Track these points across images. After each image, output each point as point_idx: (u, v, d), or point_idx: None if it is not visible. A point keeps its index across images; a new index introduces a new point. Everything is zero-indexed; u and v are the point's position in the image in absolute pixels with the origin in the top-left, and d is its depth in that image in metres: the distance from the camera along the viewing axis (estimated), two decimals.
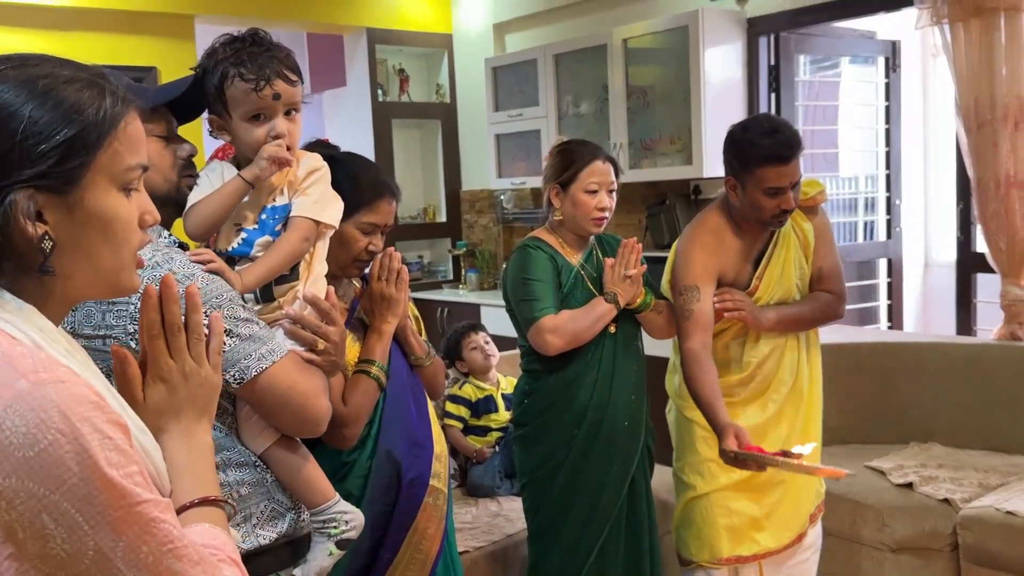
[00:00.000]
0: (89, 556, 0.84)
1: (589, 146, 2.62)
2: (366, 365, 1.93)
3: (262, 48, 1.62)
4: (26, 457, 0.83)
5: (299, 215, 1.65)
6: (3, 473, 0.83)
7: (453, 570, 2.12)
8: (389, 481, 1.97)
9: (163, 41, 5.25)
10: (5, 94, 0.93)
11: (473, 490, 3.41)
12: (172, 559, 0.88)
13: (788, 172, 2.41)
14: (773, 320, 2.56)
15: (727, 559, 2.59)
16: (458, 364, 3.54)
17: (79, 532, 0.84)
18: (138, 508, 0.86)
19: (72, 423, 0.84)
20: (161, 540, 0.87)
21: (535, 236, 2.65)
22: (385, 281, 1.96)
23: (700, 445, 2.61)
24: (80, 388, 0.88)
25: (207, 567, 0.91)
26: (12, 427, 0.83)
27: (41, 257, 0.93)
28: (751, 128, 2.47)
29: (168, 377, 1.08)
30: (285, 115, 1.64)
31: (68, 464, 0.83)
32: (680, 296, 2.53)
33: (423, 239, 6.42)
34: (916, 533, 3.18)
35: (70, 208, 0.95)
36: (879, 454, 3.59)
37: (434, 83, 6.46)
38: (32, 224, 0.92)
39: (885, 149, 4.98)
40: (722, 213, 2.59)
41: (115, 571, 0.85)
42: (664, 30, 4.68)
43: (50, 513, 0.83)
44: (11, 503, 0.83)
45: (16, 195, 0.91)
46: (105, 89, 0.98)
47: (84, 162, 0.95)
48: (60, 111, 0.94)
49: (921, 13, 3.87)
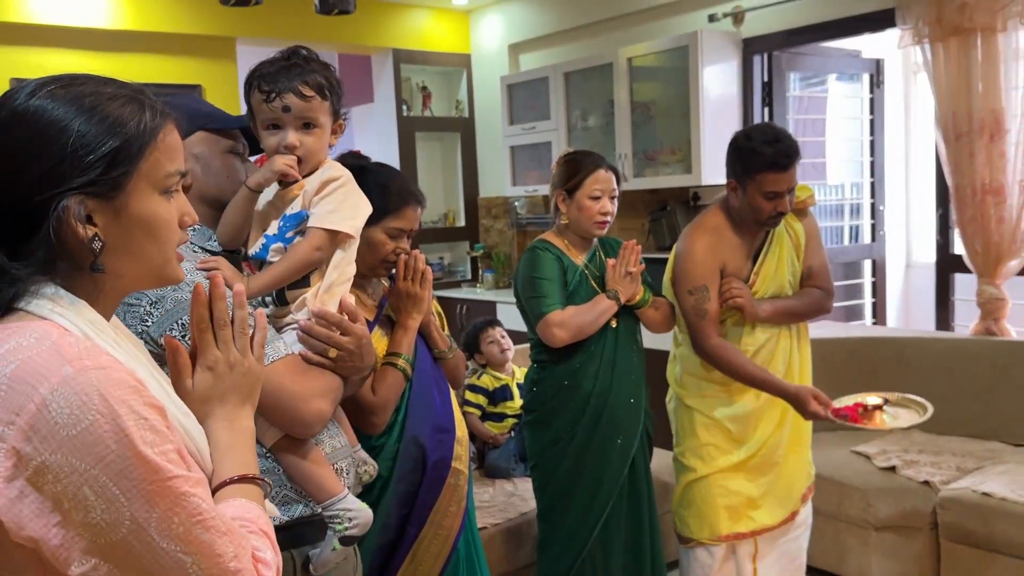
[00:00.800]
0: (126, 525, 0.86)
1: (593, 156, 2.63)
2: (393, 358, 1.94)
3: (290, 63, 1.57)
4: (70, 435, 0.85)
5: (312, 225, 1.57)
6: (50, 450, 0.85)
7: (474, 545, 2.12)
8: (415, 463, 1.97)
9: (207, 61, 5.28)
10: (56, 111, 0.95)
11: (490, 472, 3.42)
12: (200, 529, 0.89)
13: (786, 178, 2.42)
14: (769, 311, 2.55)
15: (725, 536, 2.59)
16: (476, 357, 3.55)
17: (116, 503, 0.86)
18: (169, 483, 0.88)
19: (111, 405, 0.86)
20: (191, 512, 0.89)
21: (543, 239, 2.66)
22: (411, 281, 1.97)
23: (700, 431, 2.61)
24: (120, 374, 0.90)
25: (234, 537, 0.92)
26: (58, 408, 0.85)
27: (92, 256, 0.96)
28: (754, 136, 2.47)
29: (214, 366, 1.09)
30: (303, 127, 1.58)
31: (107, 442, 0.85)
32: (692, 296, 2.53)
33: (444, 242, 6.42)
34: (898, 512, 3.17)
35: (117, 212, 0.97)
36: (864, 440, 3.58)
37: (454, 99, 6.46)
38: (83, 227, 0.95)
39: (870, 159, 4.97)
40: (722, 212, 2.59)
41: (149, 539, 0.87)
42: (666, 49, 4.67)
43: (91, 486, 0.85)
44: (57, 476, 0.85)
45: (68, 201, 0.93)
46: (145, 104, 1.00)
47: (128, 170, 0.97)
48: (105, 125, 0.96)
49: (904, 33, 3.86)
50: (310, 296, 1.58)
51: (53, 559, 0.86)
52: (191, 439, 1.02)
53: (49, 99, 0.96)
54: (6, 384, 0.87)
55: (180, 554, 0.87)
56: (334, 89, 1.61)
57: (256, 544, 0.96)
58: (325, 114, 1.60)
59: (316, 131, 1.59)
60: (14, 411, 0.86)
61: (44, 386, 0.86)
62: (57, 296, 0.96)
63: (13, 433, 0.85)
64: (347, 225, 1.59)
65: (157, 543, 0.87)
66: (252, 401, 1.12)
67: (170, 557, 0.87)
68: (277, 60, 1.58)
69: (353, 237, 1.62)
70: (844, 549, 3.28)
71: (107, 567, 0.86)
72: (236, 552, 0.91)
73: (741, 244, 2.57)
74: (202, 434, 1.05)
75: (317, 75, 1.58)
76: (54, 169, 0.93)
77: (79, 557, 0.86)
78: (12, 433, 0.85)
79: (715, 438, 2.59)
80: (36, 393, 0.85)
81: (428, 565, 1.99)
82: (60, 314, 0.95)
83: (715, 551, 2.62)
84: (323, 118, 1.60)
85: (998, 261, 3.72)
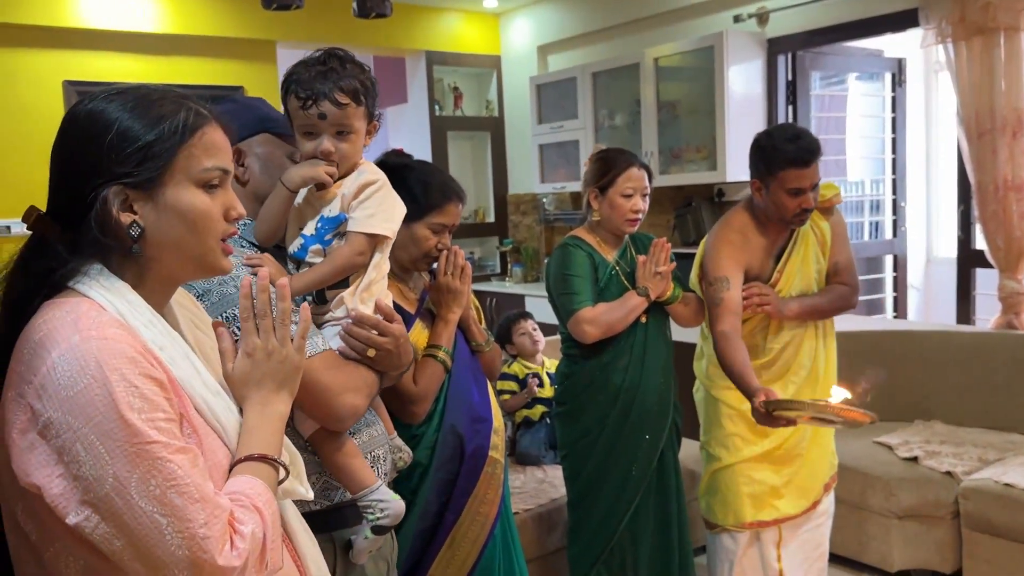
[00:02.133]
0: (109, 482, 0.91)
1: (625, 154, 2.59)
2: (433, 350, 1.93)
3: (327, 68, 1.51)
4: (68, 396, 0.92)
5: (353, 230, 1.54)
6: (53, 407, 0.92)
7: (510, 531, 2.12)
8: (453, 452, 1.96)
9: (248, 64, 5.30)
10: (105, 112, 1.03)
11: (521, 459, 3.42)
12: (175, 494, 0.92)
13: (808, 175, 2.38)
14: (795, 310, 2.52)
15: (750, 523, 2.57)
16: (508, 347, 3.54)
17: (101, 461, 0.91)
18: (149, 447, 0.92)
19: (104, 372, 0.92)
20: (167, 476, 0.92)
21: (575, 235, 2.63)
22: (451, 275, 1.96)
23: (726, 421, 2.59)
24: (121, 345, 0.95)
25: (207, 505, 0.94)
26: (62, 371, 0.92)
27: (130, 241, 1.02)
28: (775, 135, 2.44)
29: (252, 353, 1.12)
30: (337, 135, 1.53)
31: (96, 404, 0.91)
32: (711, 286, 2.50)
33: (474, 237, 6.43)
34: (920, 502, 3.13)
35: (155, 202, 1.03)
36: (886, 431, 3.54)
37: (484, 99, 6.45)
38: (122, 214, 1.02)
39: (891, 156, 4.90)
40: (747, 213, 2.56)
41: (129, 497, 0.91)
42: (692, 50, 4.63)
43: (81, 443, 0.91)
44: (58, 432, 0.92)
45: (108, 191, 1.01)
46: (183, 106, 1.06)
47: (164, 163, 1.03)
48: (143, 122, 1.03)
49: (927, 33, 3.80)
50: (348, 295, 1.57)
51: (54, 507, 0.92)
52: (215, 417, 1.06)
53: (101, 103, 1.04)
54: (32, 348, 0.96)
55: (157, 515, 0.91)
56: (369, 92, 1.56)
57: (239, 516, 0.98)
58: (360, 119, 1.56)
59: (351, 136, 1.55)
60: (33, 372, 0.94)
61: (55, 351, 0.93)
62: (100, 276, 1.03)
63: (30, 391, 0.93)
64: (386, 228, 1.57)
65: (136, 502, 0.91)
66: (290, 388, 1.15)
67: (147, 516, 0.91)
68: (313, 64, 1.53)
69: (390, 238, 1.61)
70: (866, 537, 3.24)
71: (97, 519, 0.91)
72: (206, 519, 0.94)
73: (766, 244, 2.54)
74: (230, 412, 1.09)
75: (352, 79, 1.52)
76: (98, 162, 1.01)
77: (75, 507, 0.91)
78: (29, 391, 0.93)
79: (740, 428, 2.56)
80: (49, 357, 0.93)
81: (466, 550, 1.99)
82: (100, 293, 1.01)
83: (739, 537, 2.60)
84: (358, 123, 1.55)
85: (1020, 256, 3.66)
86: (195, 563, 0.92)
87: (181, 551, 0.92)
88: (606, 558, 2.57)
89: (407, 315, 1.93)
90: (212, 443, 1.04)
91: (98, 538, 0.92)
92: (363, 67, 1.58)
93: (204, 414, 1.05)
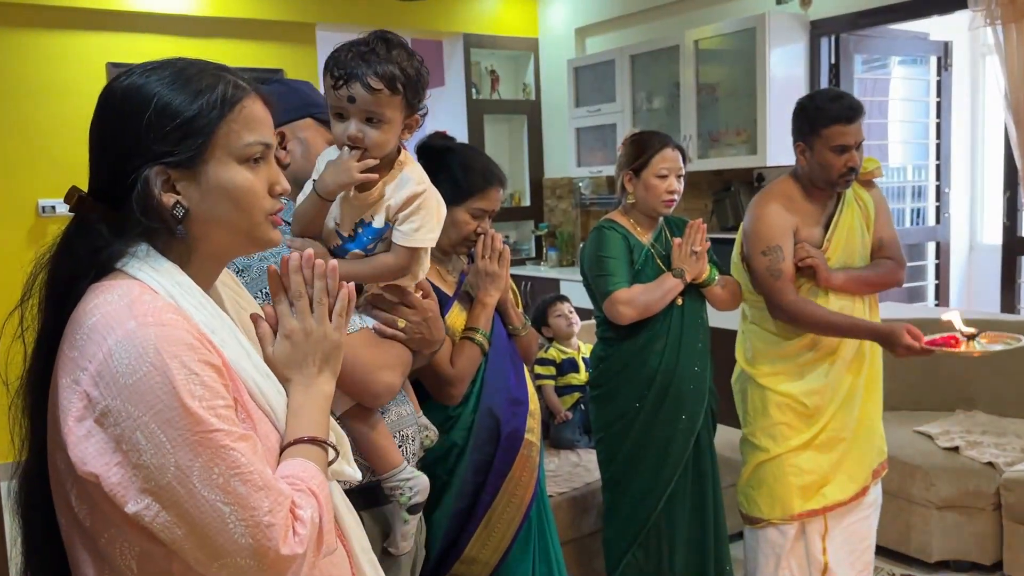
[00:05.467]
0: (171, 471, 0.89)
1: (660, 135, 2.56)
2: (471, 332, 1.93)
3: (369, 50, 1.44)
4: (127, 384, 0.89)
5: (400, 244, 1.51)
6: (111, 395, 0.90)
7: (545, 513, 2.12)
8: (490, 434, 1.96)
9: (288, 46, 5.33)
10: (143, 88, 0.99)
11: (556, 443, 3.42)
12: (238, 482, 0.91)
13: (853, 131, 2.37)
14: (842, 280, 2.47)
15: (798, 515, 2.51)
16: (544, 330, 3.55)
17: (163, 449, 0.89)
18: (211, 435, 0.91)
19: (163, 359, 0.90)
20: (230, 464, 0.91)
21: (610, 218, 2.61)
22: (489, 259, 1.96)
23: (773, 410, 2.53)
24: (179, 332, 0.93)
25: (271, 492, 0.93)
26: (119, 358, 0.90)
27: (175, 222, 1.00)
28: (818, 96, 2.46)
29: (291, 335, 1.10)
30: (367, 121, 1.45)
31: (156, 392, 0.89)
32: (766, 257, 2.45)
33: (510, 221, 6.42)
34: (961, 492, 3.08)
35: (198, 180, 1.00)
36: (927, 420, 3.49)
37: (521, 82, 6.42)
38: (165, 195, 0.99)
39: (936, 141, 4.80)
40: (791, 180, 2.53)
41: (192, 486, 0.90)
42: (733, 32, 4.56)
43: (142, 431, 0.89)
44: (116, 420, 0.90)
45: (149, 171, 0.98)
46: (221, 79, 1.02)
47: (204, 140, 0.99)
48: (181, 98, 0.99)
49: (975, 15, 3.70)
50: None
51: (112, 496, 0.90)
52: (266, 400, 1.05)
53: (138, 78, 1.00)
54: (85, 334, 0.93)
55: (220, 504, 0.90)
56: (410, 82, 1.47)
57: (299, 502, 0.97)
58: (394, 108, 1.46)
59: (383, 126, 1.46)
60: (88, 358, 0.91)
61: (111, 337, 0.91)
62: (148, 257, 1.00)
63: (85, 378, 0.91)
64: (429, 240, 1.55)
65: (199, 490, 0.90)
66: (332, 367, 1.13)
67: (210, 505, 0.90)
68: (357, 45, 1.46)
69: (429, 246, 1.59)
70: (906, 527, 3.20)
71: (157, 507, 0.90)
72: (271, 507, 0.92)
73: (812, 210, 2.50)
74: (279, 395, 1.07)
75: (392, 66, 1.44)
76: (138, 141, 0.98)
77: (135, 496, 0.89)
78: (85, 378, 0.91)
79: (787, 417, 2.52)
80: (105, 343, 0.91)
81: (501, 531, 1.99)
82: (149, 274, 0.99)
83: (787, 530, 2.54)
84: (390, 112, 1.46)
85: None
86: (258, 551, 0.91)
87: (244, 539, 0.91)
88: (642, 541, 2.56)
89: (445, 297, 1.94)
90: (265, 428, 1.03)
91: (158, 527, 0.90)
92: (412, 55, 1.49)
93: (256, 398, 1.04)
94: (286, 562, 0.93)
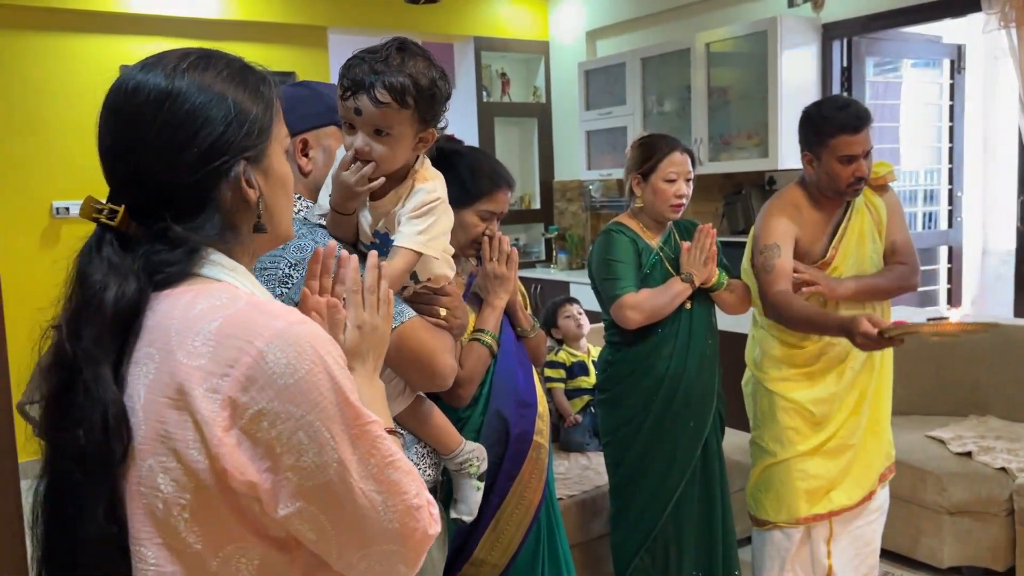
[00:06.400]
0: (333, 468, 0.89)
1: (668, 139, 2.55)
2: (479, 334, 1.93)
3: (381, 58, 1.39)
4: (287, 384, 0.87)
5: (402, 245, 1.45)
6: (267, 398, 0.87)
7: (554, 515, 2.12)
8: (498, 436, 1.96)
9: (300, 50, 5.35)
10: (212, 85, 0.96)
11: (565, 445, 3.42)
12: (391, 470, 0.92)
13: (860, 141, 2.35)
14: (852, 289, 2.45)
15: (804, 518, 2.51)
16: (553, 332, 3.56)
17: (327, 447, 0.88)
18: (367, 427, 0.91)
19: (321, 356, 0.89)
20: (384, 454, 0.92)
21: (618, 221, 2.61)
22: (497, 262, 1.96)
23: (781, 415, 2.52)
24: (320, 329, 0.93)
25: (414, 476, 0.95)
26: (275, 359, 0.87)
27: (256, 217, 1.00)
28: (824, 105, 2.43)
29: (362, 326, 1.13)
30: (375, 133, 1.40)
31: (321, 389, 0.88)
32: (761, 255, 2.45)
33: (519, 223, 6.42)
34: (973, 498, 3.06)
35: (265, 173, 1.01)
36: (939, 425, 3.46)
37: (532, 85, 6.42)
38: (251, 189, 0.99)
39: (948, 145, 4.77)
40: (800, 188, 2.52)
41: (351, 480, 0.89)
42: (744, 34, 4.55)
43: (305, 431, 0.87)
44: (273, 423, 0.87)
45: (237, 167, 0.97)
46: (263, 75, 1.03)
47: (269, 134, 1.01)
48: (249, 94, 0.99)
49: (989, 18, 3.68)
50: None
51: (265, 502, 0.88)
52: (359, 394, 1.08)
53: (198, 74, 0.96)
54: (213, 340, 0.88)
55: (375, 493, 0.91)
56: (422, 95, 1.40)
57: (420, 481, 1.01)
58: (404, 123, 1.41)
59: (390, 140, 1.41)
60: (228, 364, 0.87)
61: (259, 340, 0.87)
62: (223, 261, 0.98)
63: (228, 384, 0.86)
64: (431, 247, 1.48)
65: (357, 483, 0.90)
66: (378, 363, 1.16)
67: (366, 496, 0.90)
68: (371, 53, 1.41)
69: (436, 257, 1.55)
70: (917, 533, 3.18)
71: (310, 509, 0.89)
72: (418, 490, 0.95)
73: (820, 219, 2.49)
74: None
75: (404, 78, 1.38)
76: (220, 138, 0.95)
77: (286, 500, 0.88)
78: (227, 384, 0.86)
79: (795, 422, 2.51)
80: (251, 347, 0.87)
81: (510, 533, 1.99)
82: (231, 277, 0.97)
83: (792, 534, 2.53)
84: (401, 127, 1.41)
85: None
86: (404, 534, 0.93)
87: (392, 525, 0.92)
88: (649, 545, 2.55)
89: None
90: None
91: (305, 527, 0.89)
92: (431, 66, 1.43)
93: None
94: (428, 541, 0.95)
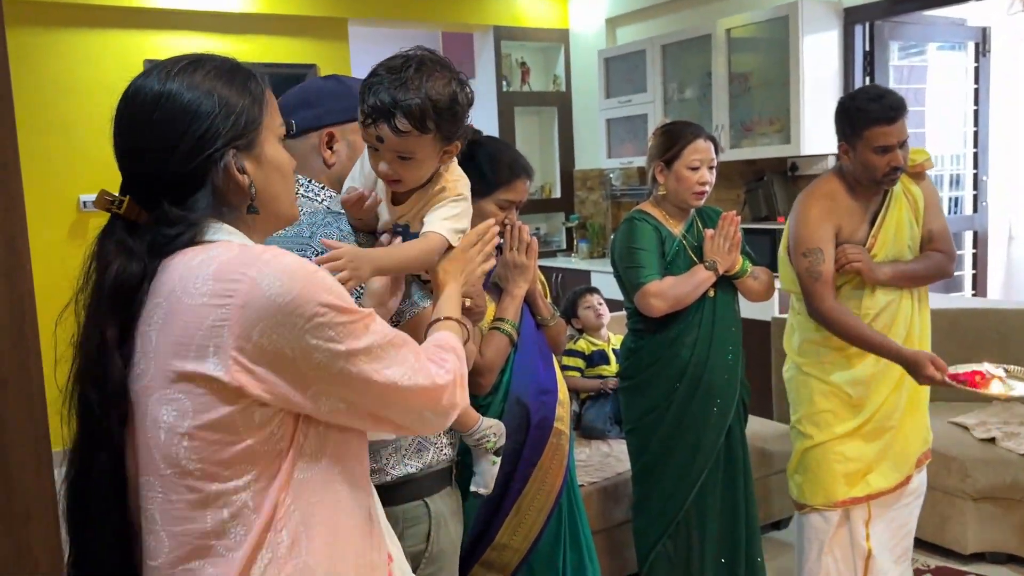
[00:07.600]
0: (342, 359, 1.01)
1: (691, 126, 2.54)
2: (500, 323, 1.95)
3: (400, 79, 1.34)
4: (284, 302, 0.97)
5: (432, 230, 1.42)
6: (268, 315, 0.97)
7: (575, 501, 2.13)
8: (519, 423, 1.98)
9: (320, 42, 5.38)
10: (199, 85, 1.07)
11: (586, 432, 3.43)
12: (390, 347, 1.07)
13: (895, 131, 2.34)
14: (889, 274, 2.45)
15: (842, 501, 2.51)
16: (573, 321, 3.56)
17: (332, 343, 1.00)
18: (364, 320, 1.04)
19: (308, 271, 1.01)
20: (384, 334, 1.06)
21: (641, 209, 2.60)
22: (517, 251, 1.98)
23: (817, 398, 2.52)
24: (305, 260, 1.04)
25: (409, 344, 1.10)
26: (268, 283, 0.97)
27: (249, 200, 1.09)
28: (859, 96, 2.41)
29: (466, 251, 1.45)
30: (399, 158, 1.38)
31: (316, 300, 0.99)
32: (806, 259, 2.44)
33: (540, 213, 6.43)
34: (997, 484, 3.05)
35: (258, 160, 1.10)
36: (963, 411, 3.44)
37: (552, 74, 6.42)
38: (241, 175, 1.08)
39: (973, 129, 4.72)
40: (837, 178, 2.50)
41: (360, 363, 1.03)
42: (765, 20, 4.52)
43: (310, 333, 0.99)
44: (280, 335, 0.97)
45: (228, 156, 1.06)
46: (249, 72, 1.13)
47: (259, 124, 1.10)
48: (236, 88, 1.09)
49: (1014, 0, 3.63)
50: None
51: (298, 407, 1.00)
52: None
53: (187, 76, 1.07)
54: (212, 278, 0.98)
55: (386, 370, 1.04)
56: (442, 117, 1.36)
57: (443, 356, 1.17)
58: (426, 146, 1.37)
59: (413, 163, 1.39)
60: (227, 294, 0.97)
61: (251, 269, 0.98)
62: (224, 227, 1.08)
63: (230, 312, 0.96)
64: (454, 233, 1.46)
65: (366, 364, 1.03)
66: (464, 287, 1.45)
67: (380, 375, 1.04)
68: (389, 72, 1.36)
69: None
70: (941, 519, 3.17)
71: (337, 398, 1.02)
72: (416, 355, 1.10)
73: (858, 208, 2.48)
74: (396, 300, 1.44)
75: (423, 100, 1.33)
76: (208, 131, 1.05)
77: (311, 394, 1.01)
78: (229, 312, 0.96)
79: (832, 404, 2.50)
80: (245, 276, 0.97)
81: (532, 518, 2.01)
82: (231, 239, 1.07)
83: (830, 516, 2.53)
84: (423, 152, 1.38)
85: None
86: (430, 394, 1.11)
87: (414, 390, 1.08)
88: (672, 532, 2.56)
89: None
90: None
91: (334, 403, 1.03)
92: (450, 79, 1.38)
93: None
94: (452, 399, 1.15)
